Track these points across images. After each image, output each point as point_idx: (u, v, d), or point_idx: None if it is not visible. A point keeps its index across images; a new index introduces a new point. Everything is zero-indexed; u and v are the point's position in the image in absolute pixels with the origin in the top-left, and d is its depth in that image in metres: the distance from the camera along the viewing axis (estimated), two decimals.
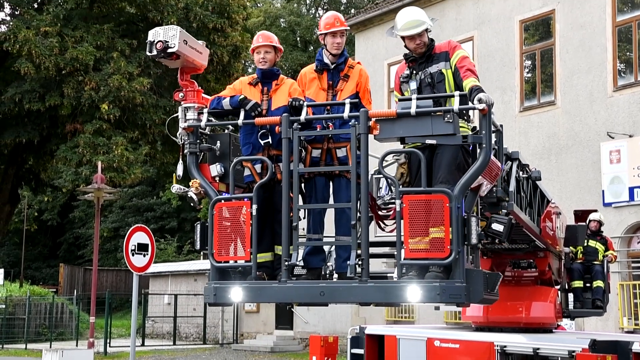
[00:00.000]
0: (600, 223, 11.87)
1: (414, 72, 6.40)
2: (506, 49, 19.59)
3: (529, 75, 19.74)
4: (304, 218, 6.44)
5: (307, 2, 50.60)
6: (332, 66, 6.60)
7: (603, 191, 16.94)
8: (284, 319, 26.89)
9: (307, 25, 45.93)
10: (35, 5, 23.25)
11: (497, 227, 6.10)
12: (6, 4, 23.59)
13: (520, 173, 8.07)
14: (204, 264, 31.36)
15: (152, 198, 46.96)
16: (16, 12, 23.18)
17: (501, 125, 6.35)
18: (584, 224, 11.66)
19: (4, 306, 29.21)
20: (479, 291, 5.65)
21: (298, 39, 47.76)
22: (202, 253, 33.37)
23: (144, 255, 13.51)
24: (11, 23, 21.47)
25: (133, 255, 13.34)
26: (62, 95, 21.23)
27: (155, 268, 30.48)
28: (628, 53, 17.57)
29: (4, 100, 21.51)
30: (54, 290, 39.13)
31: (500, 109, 18.12)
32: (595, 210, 12.47)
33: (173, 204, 43.41)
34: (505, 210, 6.55)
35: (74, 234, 51.33)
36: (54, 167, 24.62)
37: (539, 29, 19.56)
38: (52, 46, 20.28)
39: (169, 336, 30.75)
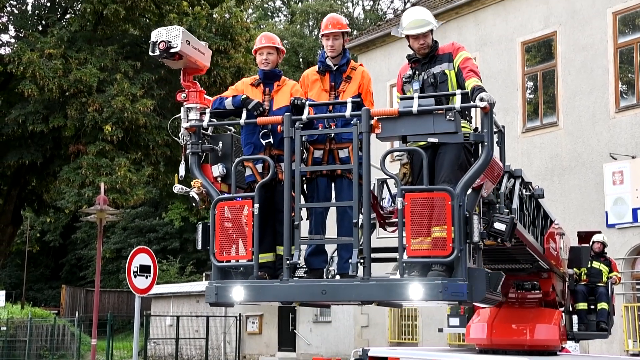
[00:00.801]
0: (604, 244, 11.83)
1: (417, 72, 6.41)
2: (508, 70, 19.65)
3: (531, 96, 19.79)
4: (307, 219, 6.43)
5: (310, 23, 50.87)
6: (334, 68, 6.61)
7: (606, 212, 16.90)
8: (287, 340, 26.76)
9: (310, 46, 46.14)
10: (40, 28, 23.38)
11: (499, 226, 6.07)
12: (11, 27, 23.74)
13: (523, 190, 8.06)
14: (206, 285, 31.24)
15: (154, 219, 46.91)
16: (21, 35, 23.29)
17: (503, 127, 6.39)
18: (587, 245, 11.61)
19: (5, 328, 29.07)
20: (481, 290, 5.63)
21: (301, 60, 47.96)
22: (204, 274, 33.10)
23: (146, 277, 13.48)
24: (15, 45, 21.55)
25: (135, 277, 13.31)
26: (65, 117, 21.25)
27: (157, 289, 30.36)
28: (630, 75, 17.62)
29: (7, 122, 21.53)
30: (56, 312, 38.96)
31: None
32: (599, 232, 12.43)
33: (175, 225, 43.35)
34: (507, 210, 6.52)
35: (76, 255, 51.22)
36: (56, 188, 24.62)
37: (541, 50, 19.63)
38: (56, 68, 20.34)
39: (171, 358, 30.56)
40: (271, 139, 6.41)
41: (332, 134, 6.35)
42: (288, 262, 5.83)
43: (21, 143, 22.66)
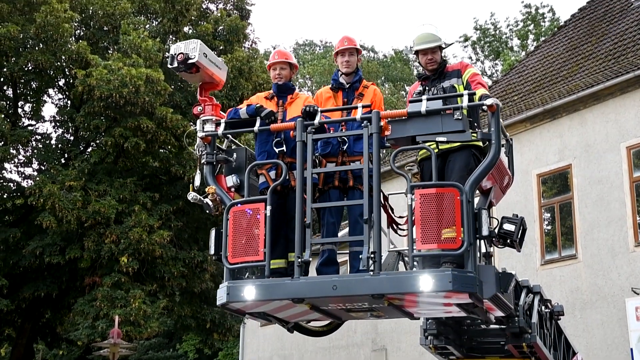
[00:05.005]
0: None
1: (427, 88, 6.73)
2: (525, 202, 19.65)
3: (549, 227, 19.69)
4: (319, 231, 6.56)
5: None
6: (347, 85, 6.89)
7: (632, 349, 16.36)
8: None
9: None
10: (63, 161, 23.85)
11: (509, 227, 6.13)
12: (34, 160, 24.23)
13: (543, 307, 8.08)
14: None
15: (168, 350, 46.06)
16: (43, 168, 23.74)
17: (511, 139, 6.58)
18: None
19: None
20: (491, 286, 5.69)
21: None
22: None
23: None
24: (37, 178, 21.90)
25: None
26: (82, 248, 21.29)
27: None
28: None
29: (25, 254, 21.57)
30: None
31: (521, 262, 17.92)
32: None
33: (190, 357, 42.51)
34: (517, 214, 6.55)
35: None
36: (70, 320, 24.35)
37: (557, 182, 19.70)
38: (75, 200, 20.56)
39: None
40: (284, 147, 6.64)
41: (344, 147, 6.60)
42: (299, 259, 5.89)
43: (37, 275, 22.60)
